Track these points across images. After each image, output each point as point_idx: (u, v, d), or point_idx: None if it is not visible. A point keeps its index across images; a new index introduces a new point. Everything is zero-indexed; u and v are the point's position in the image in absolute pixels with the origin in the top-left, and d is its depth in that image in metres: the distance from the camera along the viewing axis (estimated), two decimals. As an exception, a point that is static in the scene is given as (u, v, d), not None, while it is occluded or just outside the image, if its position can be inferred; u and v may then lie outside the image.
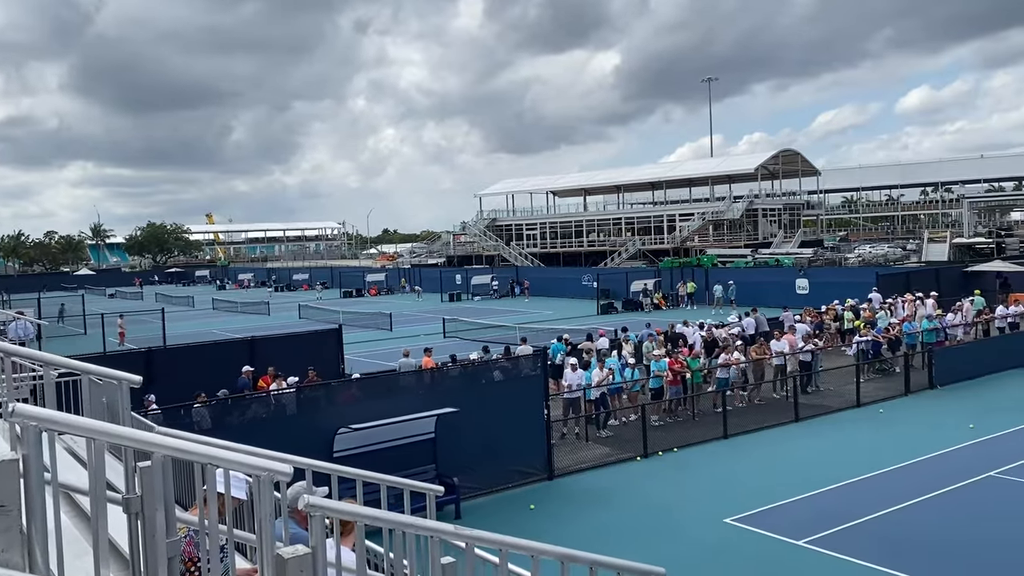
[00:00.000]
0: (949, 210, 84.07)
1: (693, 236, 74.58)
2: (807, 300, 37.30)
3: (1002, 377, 21.98)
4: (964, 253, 58.78)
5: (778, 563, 11.03)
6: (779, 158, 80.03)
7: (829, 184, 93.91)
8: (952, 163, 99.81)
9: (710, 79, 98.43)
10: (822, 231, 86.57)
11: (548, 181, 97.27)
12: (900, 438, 17.02)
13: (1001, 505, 12.92)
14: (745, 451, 16.76)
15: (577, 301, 51.28)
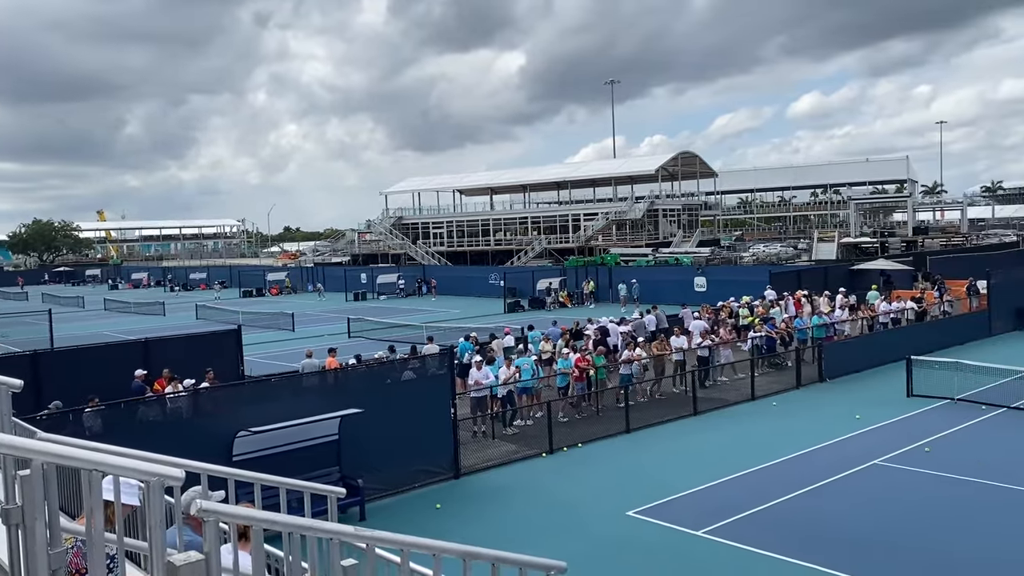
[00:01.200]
0: (837, 211, 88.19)
1: (597, 235, 75.79)
2: (705, 297, 38.48)
3: (885, 370, 23.17)
4: (851, 252, 61.77)
5: (678, 553, 11.35)
6: (678, 160, 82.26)
7: (726, 185, 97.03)
8: (840, 166, 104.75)
9: (612, 81, 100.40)
10: (719, 231, 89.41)
11: (455, 180, 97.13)
12: (792, 429, 17.76)
13: (884, 491, 13.63)
14: (647, 444, 17.17)
15: (484, 300, 51.40)
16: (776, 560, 10.87)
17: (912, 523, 12.09)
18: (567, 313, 41.28)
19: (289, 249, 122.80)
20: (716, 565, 10.89)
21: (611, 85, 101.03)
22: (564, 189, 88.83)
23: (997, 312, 29.89)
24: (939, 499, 13.11)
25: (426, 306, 50.44)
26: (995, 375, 20.30)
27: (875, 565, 10.60)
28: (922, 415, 18.45)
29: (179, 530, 4.36)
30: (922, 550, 11.08)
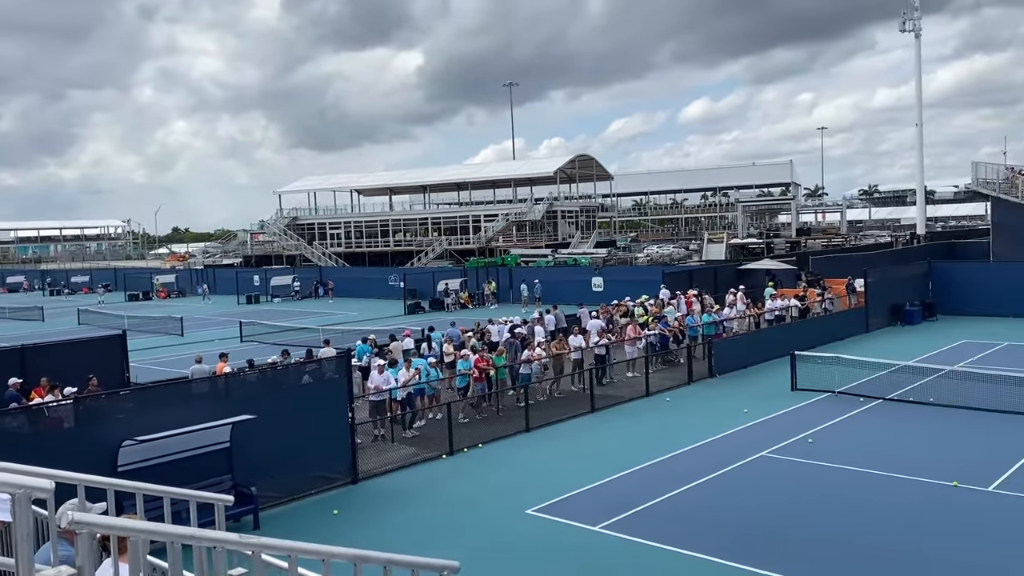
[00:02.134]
0: (726, 213, 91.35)
1: (497, 236, 76.19)
2: (602, 297, 39.21)
3: (771, 365, 24.17)
4: (739, 252, 64.09)
5: (575, 549, 11.51)
6: (576, 163, 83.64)
7: (621, 188, 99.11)
8: (728, 170, 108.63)
9: (511, 84, 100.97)
10: (615, 232, 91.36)
11: (352, 179, 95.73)
12: (685, 424, 18.30)
13: (771, 481, 14.22)
14: (546, 443, 17.36)
15: (384, 301, 50.86)
16: (670, 552, 11.18)
17: (798, 511, 12.64)
18: (468, 314, 41.31)
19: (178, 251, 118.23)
20: (613, 559, 11.11)
21: (510, 87, 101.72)
22: (464, 190, 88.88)
23: (874, 309, 31.63)
24: (822, 487, 13.75)
25: (323, 308, 49.52)
26: (872, 369, 21.46)
27: (764, 553, 11.03)
28: (805, 408, 19.33)
29: (54, 545, 4.13)
30: (808, 537, 11.60)
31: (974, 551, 10.74)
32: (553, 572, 10.86)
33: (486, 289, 49.26)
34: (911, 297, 33.41)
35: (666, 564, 10.85)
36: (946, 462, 14.60)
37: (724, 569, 10.58)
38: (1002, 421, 17.21)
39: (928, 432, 16.90)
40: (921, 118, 66.73)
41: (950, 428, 17.07)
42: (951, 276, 34.94)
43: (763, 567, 10.52)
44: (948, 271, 35.56)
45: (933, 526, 11.82)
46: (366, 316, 43.01)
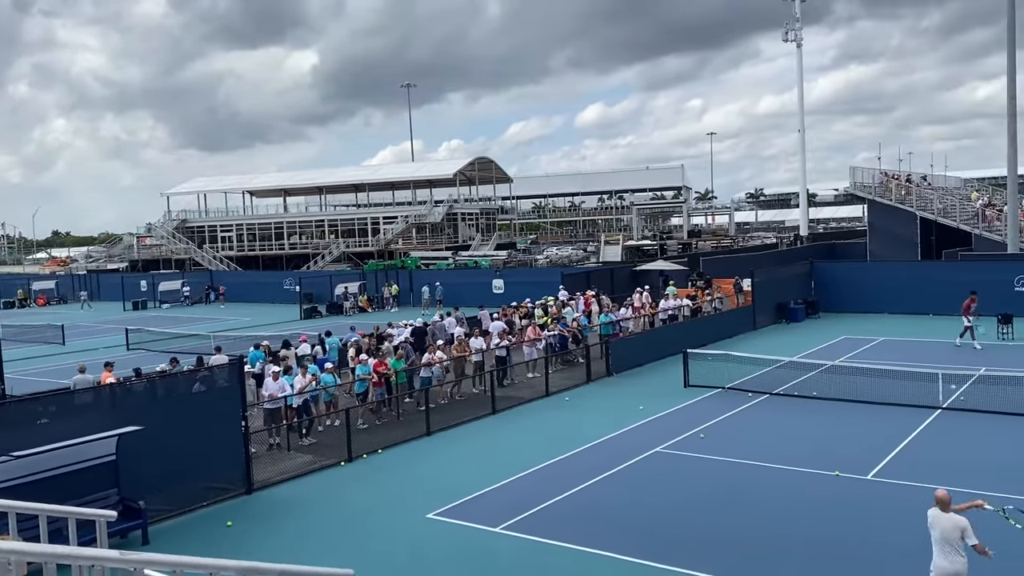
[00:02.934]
0: (622, 216, 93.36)
1: (397, 239, 75.53)
2: (503, 299, 39.46)
3: (665, 363, 24.85)
4: (634, 254, 65.64)
5: (476, 551, 11.54)
6: (475, 165, 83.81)
7: (521, 191, 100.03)
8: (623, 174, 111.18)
9: (408, 85, 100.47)
10: (515, 234, 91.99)
11: (245, 180, 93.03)
12: (583, 423, 18.59)
13: (665, 476, 14.61)
14: (447, 446, 17.32)
15: (279, 306, 49.66)
16: (571, 550, 11.34)
17: (691, 505, 13.03)
18: (367, 318, 40.79)
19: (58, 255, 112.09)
20: (514, 559, 11.18)
21: (407, 88, 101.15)
22: (362, 192, 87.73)
23: (760, 307, 32.96)
24: (714, 481, 14.21)
25: (214, 314, 47.97)
26: (759, 365, 22.38)
27: (660, 547, 11.32)
28: (698, 404, 19.96)
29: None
30: (701, 529, 11.97)
31: (856, 536, 11.33)
32: (454, 575, 10.84)
33: (386, 292, 48.78)
34: (795, 296, 34.99)
35: (567, 562, 11.00)
36: (828, 453, 15.33)
37: (624, 564, 10.81)
38: (879, 412, 18.22)
39: (811, 424, 17.70)
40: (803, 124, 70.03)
41: (832, 420, 17.93)
42: (832, 275, 36.78)
43: (660, 561, 10.80)
44: (829, 271, 37.40)
45: (818, 514, 12.38)
46: (260, 321, 41.87)
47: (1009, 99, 36.84)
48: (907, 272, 36.35)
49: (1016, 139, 37.06)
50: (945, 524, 8.36)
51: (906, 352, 24.96)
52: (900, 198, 46.13)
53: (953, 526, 8.32)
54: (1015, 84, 36.73)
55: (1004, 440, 15.78)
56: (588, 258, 68.90)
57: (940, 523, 8.40)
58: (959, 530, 8.29)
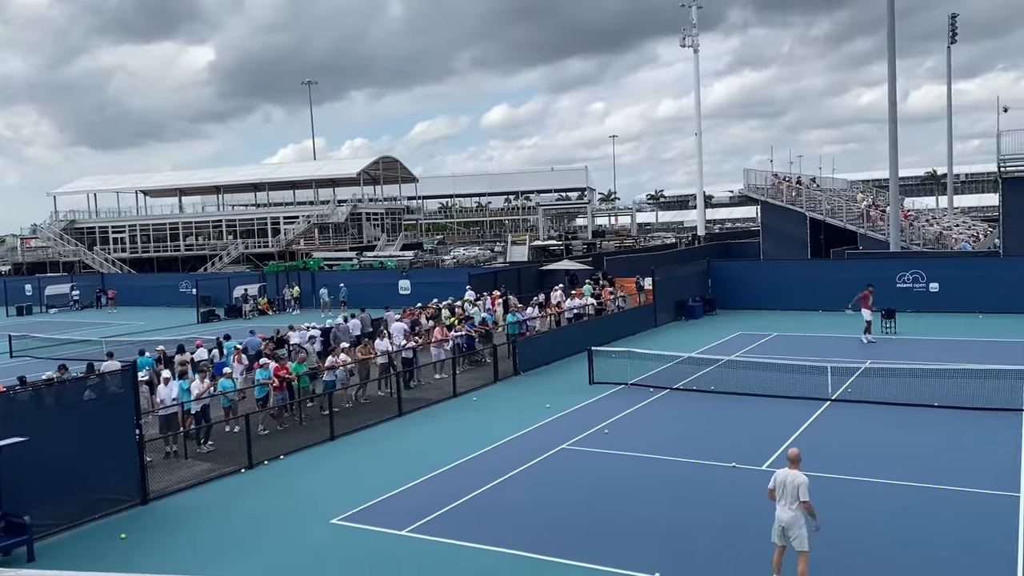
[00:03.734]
0: (528, 216, 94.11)
1: (299, 239, 74.00)
2: (409, 300, 39.21)
3: (571, 361, 25.19)
4: (540, 254, 66.28)
5: (381, 555, 11.41)
6: (380, 164, 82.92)
7: (427, 190, 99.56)
8: (529, 174, 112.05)
9: (309, 82, 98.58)
10: (421, 235, 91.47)
11: (138, 180, 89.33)
12: (491, 422, 18.65)
13: (571, 472, 14.79)
14: (352, 450, 17.09)
15: (175, 310, 47.98)
16: (477, 549, 11.35)
17: (596, 499, 13.24)
18: (268, 321, 39.84)
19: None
20: (419, 562, 11.11)
21: (308, 86, 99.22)
22: (262, 191, 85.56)
23: (661, 305, 33.81)
24: (618, 475, 14.48)
25: (106, 319, 45.89)
26: (660, 361, 22.97)
27: (565, 542, 11.46)
28: (602, 400, 20.31)
29: None
30: (605, 523, 12.17)
31: (754, 524, 11.72)
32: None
33: (287, 294, 47.73)
34: (693, 293, 36.04)
35: (473, 562, 11.01)
36: (726, 445, 15.85)
37: (530, 561, 10.90)
38: (773, 404, 18.95)
39: (710, 418, 18.26)
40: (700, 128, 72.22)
41: (729, 413, 18.55)
42: (727, 274, 38.06)
43: (565, 557, 10.94)
44: (725, 269, 38.69)
45: (717, 505, 12.77)
46: (155, 326, 40.34)
47: (890, 105, 38.95)
48: (798, 270, 37.99)
49: (897, 143, 39.21)
50: (789, 478, 9.52)
51: (798, 347, 26.06)
52: (791, 199, 48.10)
53: (793, 480, 9.49)
54: (896, 91, 38.88)
55: (887, 428, 16.65)
56: (495, 258, 69.15)
57: (786, 477, 9.56)
58: (797, 486, 9.42)
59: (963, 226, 55.96)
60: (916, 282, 33.72)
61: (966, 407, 17.53)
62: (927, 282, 33.58)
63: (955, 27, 68.84)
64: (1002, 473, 13.49)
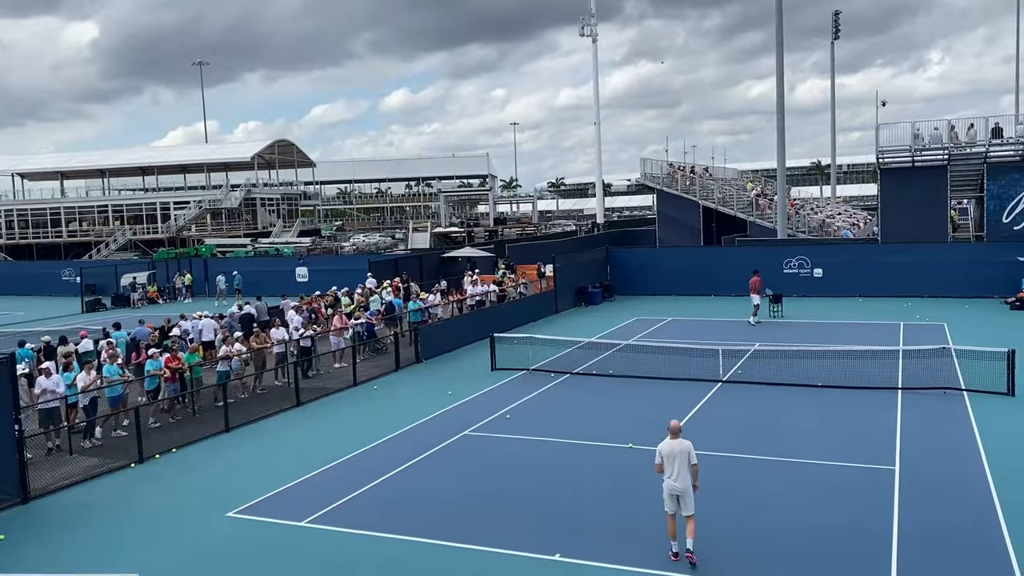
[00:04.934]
0: (429, 203, 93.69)
1: (190, 225, 71.43)
2: (307, 287, 38.45)
3: (473, 348, 25.30)
4: (442, 241, 66.06)
5: (281, 547, 11.19)
6: (275, 148, 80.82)
7: (325, 176, 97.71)
8: (430, 161, 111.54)
9: (201, 63, 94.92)
10: (320, 221, 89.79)
11: (15, 162, 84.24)
12: (393, 410, 18.53)
13: (473, 459, 14.88)
14: (249, 441, 16.67)
15: (57, 299, 45.64)
16: (379, 538, 11.28)
17: (497, 484, 13.34)
18: (157, 310, 38.36)
19: None
20: (320, 552, 10.97)
21: (200, 66, 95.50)
22: (151, 175, 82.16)
23: (561, 292, 34.29)
24: (519, 459, 14.64)
25: (-20, 309, 43.15)
26: (561, 346, 23.32)
27: (465, 527, 11.52)
28: (504, 386, 20.47)
29: None
30: (505, 507, 12.29)
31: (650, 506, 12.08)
32: (257, 573, 10.48)
33: (178, 282, 46.04)
34: (593, 280, 36.72)
35: (375, 551, 10.94)
36: (624, 427, 16.24)
37: (432, 548, 10.90)
38: (668, 387, 19.53)
39: (608, 401, 18.67)
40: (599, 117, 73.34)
41: (626, 396, 19.01)
42: (626, 261, 38.93)
43: (467, 541, 11.00)
44: (623, 256, 39.55)
45: (615, 486, 13.09)
46: (36, 316, 38.21)
47: (778, 97, 40.53)
48: (692, 257, 39.23)
49: (784, 134, 40.90)
50: (676, 447, 10.17)
51: (692, 331, 26.92)
52: (685, 188, 49.50)
53: (683, 448, 10.14)
54: (783, 84, 40.49)
55: (774, 407, 17.42)
56: (396, 245, 68.55)
57: (671, 448, 10.20)
58: (688, 453, 10.10)
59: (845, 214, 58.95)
60: (801, 268, 35.32)
61: (847, 386, 18.52)
62: (811, 268, 35.23)
63: (838, 24, 72.12)
64: (879, 448, 14.34)
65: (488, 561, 10.43)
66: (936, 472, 13.04)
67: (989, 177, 36.77)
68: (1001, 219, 36.45)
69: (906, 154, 38.54)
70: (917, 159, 38.44)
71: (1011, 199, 36.29)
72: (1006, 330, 24.61)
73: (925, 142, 38.10)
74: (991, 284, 31.84)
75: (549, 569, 10.15)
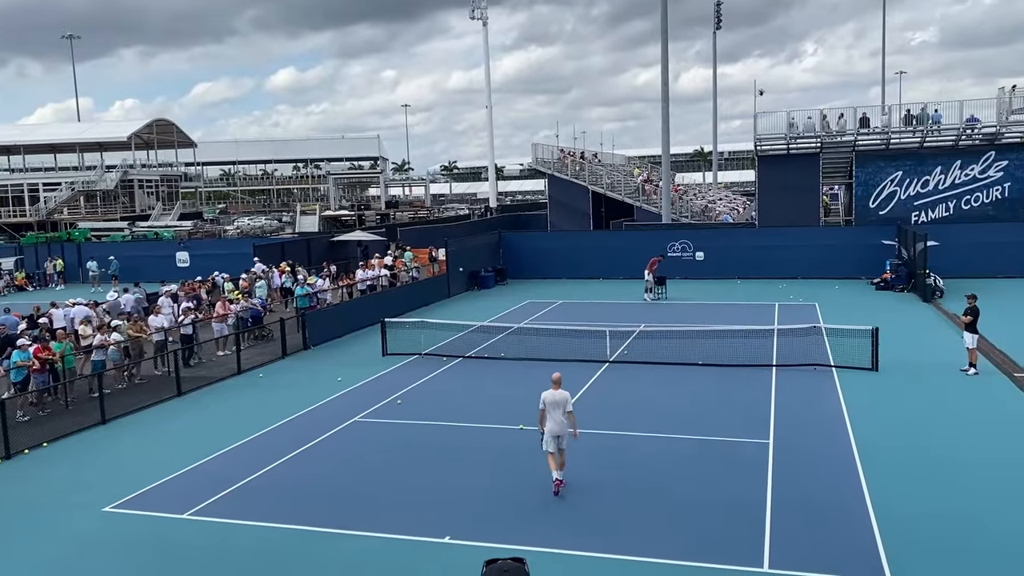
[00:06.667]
0: (318, 185, 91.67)
1: (62, 208, 67.50)
2: (188, 273, 37.08)
3: (364, 333, 25.02)
4: (331, 224, 64.85)
5: (158, 541, 10.81)
6: (154, 127, 77.11)
7: (207, 157, 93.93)
8: (319, 142, 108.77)
9: (71, 36, 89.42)
10: (202, 204, 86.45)
11: None
12: (280, 398, 18.13)
13: (362, 445, 14.75)
14: (126, 433, 16.00)
15: (-92, 287, 42.19)
16: (263, 527, 11.05)
17: (386, 470, 13.29)
18: (26, 297, 36.19)
19: None
20: (201, 544, 10.65)
21: (70, 40, 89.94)
22: (17, 155, 76.85)
23: (454, 276, 34.29)
24: (410, 444, 14.59)
25: None
26: (453, 330, 23.35)
27: (357, 514, 11.43)
28: (395, 371, 20.36)
29: None
30: (396, 491, 12.24)
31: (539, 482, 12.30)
32: (135, 568, 10.09)
33: (49, 268, 43.51)
34: (485, 264, 36.89)
35: (259, 540, 10.70)
36: (514, 409, 16.37)
37: (320, 536, 10.76)
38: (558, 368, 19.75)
39: (500, 383, 18.84)
40: (490, 101, 73.45)
41: (518, 378, 19.19)
42: (518, 245, 39.28)
43: (356, 528, 10.92)
44: (515, 240, 39.87)
45: (507, 465, 13.24)
46: None
47: (663, 85, 41.64)
48: (582, 241, 39.97)
49: (669, 122, 42.04)
50: (556, 397, 11.85)
51: (582, 313, 27.47)
52: (575, 173, 50.26)
53: (562, 398, 11.85)
54: (668, 72, 41.61)
55: (658, 386, 18.03)
56: (283, 228, 66.85)
57: (553, 397, 11.86)
58: (566, 400, 11.85)
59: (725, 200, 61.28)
60: (684, 251, 36.53)
61: (726, 364, 19.34)
62: (694, 251, 36.49)
63: (720, 15, 74.60)
64: (755, 423, 15.05)
65: (376, 545, 10.39)
66: (807, 444, 13.80)
67: (857, 164, 38.92)
68: (868, 204, 38.68)
69: (782, 142, 40.31)
70: (792, 147, 40.28)
71: (877, 185, 38.55)
72: (871, 310, 26.22)
73: (799, 131, 39.94)
74: (859, 266, 33.82)
75: (438, 551, 10.21)
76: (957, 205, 37.49)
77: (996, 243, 33.10)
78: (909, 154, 38.35)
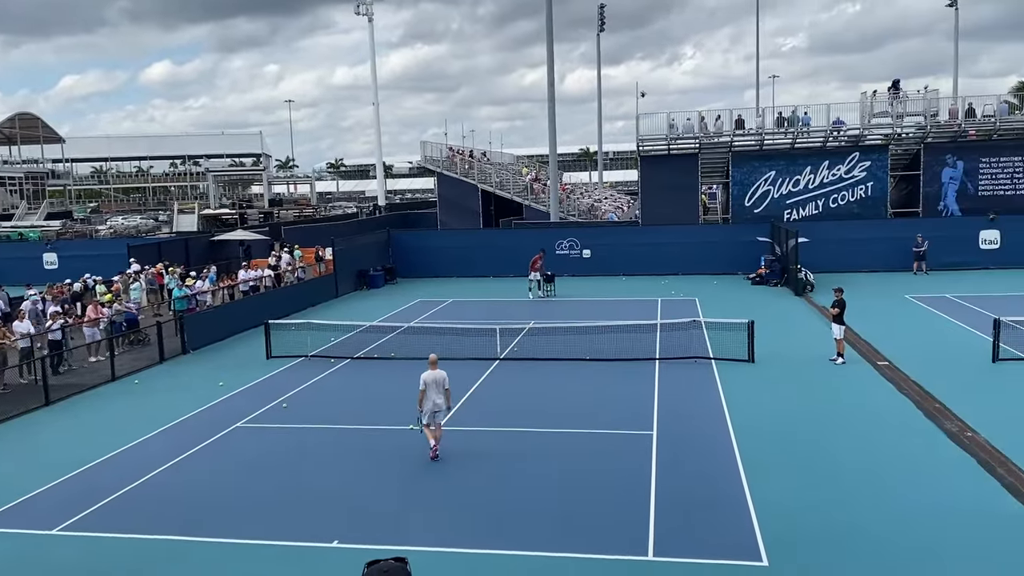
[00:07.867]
0: (197, 182, 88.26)
1: (-91, 207, 62.49)
2: (57, 275, 35.05)
3: (247, 336, 24.26)
4: (212, 223, 62.58)
5: (23, 561, 10.17)
6: (16, 121, 72.46)
7: (76, 153, 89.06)
8: (198, 138, 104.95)
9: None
10: (71, 202, 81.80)
11: None
12: (157, 405, 17.37)
13: (245, 451, 14.29)
14: (-14, 448, 14.97)
15: None
16: (143, 540, 10.56)
17: (273, 475, 12.92)
18: None
19: None
20: (70, 560, 10.08)
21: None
22: None
23: (342, 276, 33.72)
24: (296, 449, 14.24)
25: None
26: (341, 331, 22.96)
27: (240, 522, 11.07)
28: (280, 374, 19.84)
29: None
30: (284, 498, 11.94)
31: (429, 483, 12.25)
32: (-1, 592, 9.48)
33: None
34: (374, 263, 36.44)
35: (136, 554, 10.21)
36: (405, 409, 16.13)
37: (200, 546, 10.36)
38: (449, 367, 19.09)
39: (390, 384, 18.57)
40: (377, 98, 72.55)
41: (409, 378, 18.69)
42: (407, 243, 38.99)
43: (239, 536, 10.59)
44: (405, 239, 39.57)
45: (397, 467, 13.12)
46: None
47: (549, 85, 42.19)
48: (472, 239, 40.04)
49: (555, 122, 42.62)
50: (436, 376, 13.15)
51: (472, 311, 27.54)
52: (464, 172, 50.33)
53: (441, 377, 13.19)
54: (554, 73, 42.18)
55: (547, 382, 18.27)
56: (160, 228, 64.07)
57: (433, 376, 13.13)
58: (444, 379, 13.22)
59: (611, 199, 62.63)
60: (572, 249, 37.18)
61: (611, 359, 19.79)
62: (581, 249, 37.18)
63: (604, 17, 76.18)
64: (639, 415, 15.46)
65: (263, 554, 10.11)
66: (688, 433, 14.29)
67: (734, 164, 40.56)
68: (744, 203, 40.37)
69: (663, 143, 41.55)
70: (672, 147, 41.58)
71: (752, 185, 40.28)
72: (747, 304, 27.40)
73: (679, 132, 41.28)
74: (736, 262, 35.28)
75: (325, 556, 10.02)
76: (825, 203, 39.62)
77: (860, 239, 35.20)
78: (781, 155, 40.26)
